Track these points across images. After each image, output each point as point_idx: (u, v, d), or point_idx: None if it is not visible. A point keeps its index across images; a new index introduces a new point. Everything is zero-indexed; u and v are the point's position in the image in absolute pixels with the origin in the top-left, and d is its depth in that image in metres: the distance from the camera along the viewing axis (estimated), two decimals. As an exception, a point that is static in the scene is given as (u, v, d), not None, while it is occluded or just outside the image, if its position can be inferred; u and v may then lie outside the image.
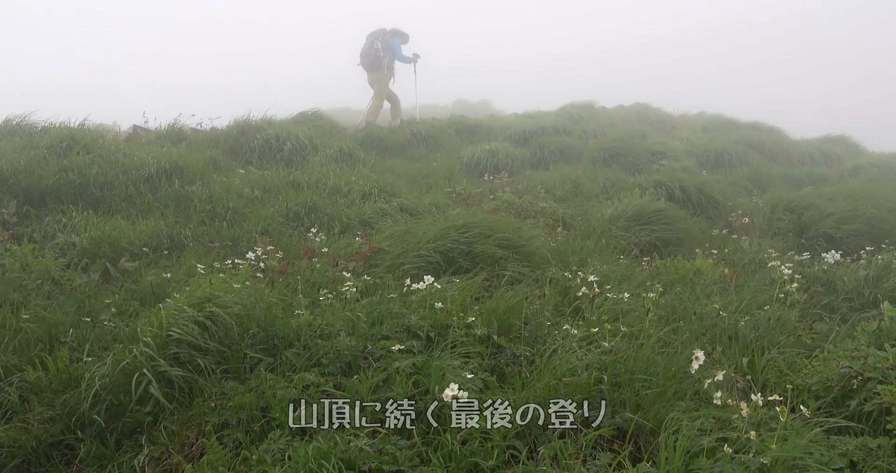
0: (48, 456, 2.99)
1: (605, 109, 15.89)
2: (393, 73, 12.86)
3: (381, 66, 12.58)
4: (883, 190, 7.86)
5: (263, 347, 3.39)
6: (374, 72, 12.71)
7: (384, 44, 12.56)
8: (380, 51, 12.54)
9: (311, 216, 6.39)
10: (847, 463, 2.24)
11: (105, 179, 6.57)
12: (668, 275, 4.98)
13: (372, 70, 12.72)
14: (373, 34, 12.71)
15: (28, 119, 8.11)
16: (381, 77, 12.70)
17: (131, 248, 5.30)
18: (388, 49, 12.59)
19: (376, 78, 12.74)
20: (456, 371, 2.93)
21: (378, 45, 12.53)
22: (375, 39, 12.59)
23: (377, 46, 12.54)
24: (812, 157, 12.34)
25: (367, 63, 12.69)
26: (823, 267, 5.18)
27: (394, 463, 2.46)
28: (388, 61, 12.64)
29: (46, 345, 3.67)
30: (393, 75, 12.88)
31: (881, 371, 2.77)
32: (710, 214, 7.51)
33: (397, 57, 12.72)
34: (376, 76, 12.72)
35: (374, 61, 12.59)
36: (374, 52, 12.55)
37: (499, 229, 4.99)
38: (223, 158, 8.36)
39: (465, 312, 3.61)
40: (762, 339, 3.70)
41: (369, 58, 12.62)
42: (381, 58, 12.56)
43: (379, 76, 12.69)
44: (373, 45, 12.58)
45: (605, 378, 2.89)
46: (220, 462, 2.58)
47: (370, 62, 12.64)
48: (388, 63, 12.63)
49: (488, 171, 9.35)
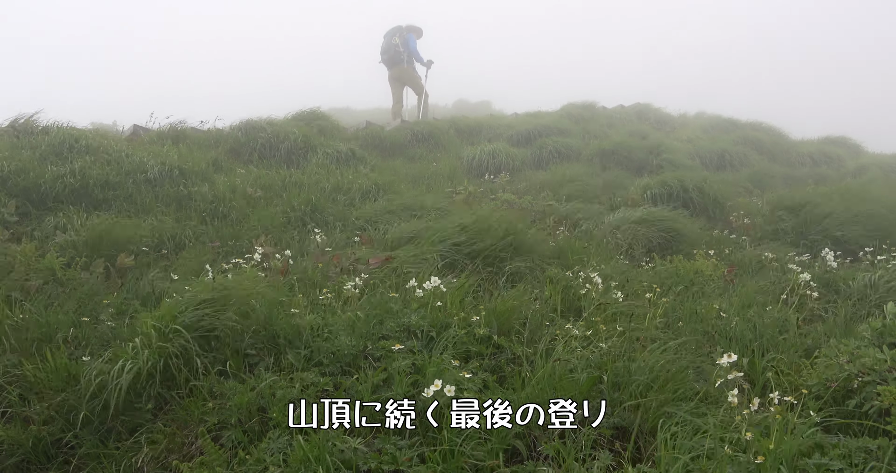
0: (47, 455, 3.00)
1: (606, 109, 15.87)
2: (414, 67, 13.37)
3: (402, 61, 13.08)
4: (884, 191, 7.86)
5: (263, 346, 3.39)
6: (394, 67, 13.24)
7: (402, 39, 13.05)
8: (398, 46, 13.03)
9: (313, 216, 6.39)
10: (847, 464, 2.24)
11: (106, 179, 6.57)
12: (669, 275, 4.98)
13: (392, 66, 13.23)
14: (390, 31, 13.19)
15: (29, 119, 8.11)
16: (404, 72, 13.26)
17: (131, 247, 5.30)
18: (406, 45, 13.08)
19: (398, 73, 13.29)
20: (455, 371, 2.93)
21: (396, 41, 13.04)
22: (393, 36, 13.09)
23: (395, 42, 13.04)
24: (813, 157, 12.33)
25: (388, 59, 13.19)
26: (825, 268, 5.17)
27: (393, 463, 2.46)
28: (407, 57, 13.14)
29: (46, 344, 3.67)
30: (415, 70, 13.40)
31: (880, 372, 2.77)
32: (711, 214, 7.51)
33: (412, 53, 13.20)
34: (398, 72, 13.27)
35: (394, 57, 13.10)
36: (394, 47, 13.05)
37: (499, 229, 4.99)
38: (225, 159, 8.37)
39: (465, 312, 3.61)
40: (762, 339, 3.70)
41: (389, 54, 13.12)
42: (401, 53, 13.05)
43: (400, 71, 13.25)
44: (391, 42, 13.10)
45: (606, 378, 2.89)
46: (219, 462, 2.58)
47: (390, 58, 13.15)
48: (406, 58, 13.13)
49: (489, 171, 9.35)
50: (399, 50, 13.03)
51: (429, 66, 13.54)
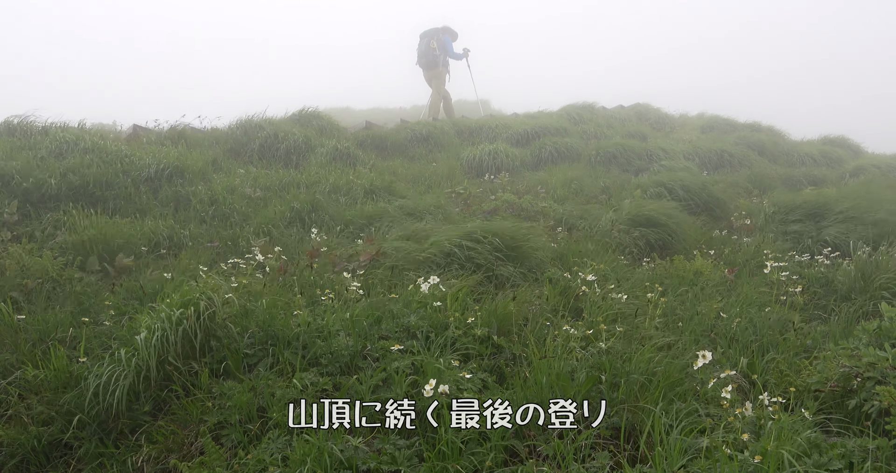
0: (47, 456, 2.99)
1: (606, 109, 15.86)
2: (448, 70, 13.71)
3: (439, 64, 13.43)
4: (884, 191, 7.85)
5: (262, 346, 3.39)
6: (431, 70, 13.58)
7: (438, 42, 13.36)
8: (436, 49, 13.33)
9: (312, 216, 6.39)
10: (845, 464, 2.24)
11: (105, 179, 6.56)
12: (669, 276, 4.98)
13: (430, 68, 13.58)
14: (426, 33, 13.48)
15: (29, 119, 8.10)
16: (437, 74, 13.56)
17: (131, 247, 5.29)
18: (442, 47, 13.40)
19: (433, 75, 13.61)
20: (454, 371, 2.93)
21: (434, 45, 13.33)
22: (430, 39, 13.38)
23: (433, 46, 13.33)
24: (813, 158, 12.32)
25: (426, 62, 13.54)
26: (821, 269, 5.18)
27: (393, 463, 2.46)
28: (444, 59, 13.48)
29: (46, 344, 3.67)
30: (448, 72, 13.73)
31: (880, 372, 2.77)
32: (712, 215, 7.51)
33: (450, 54, 13.55)
34: (433, 74, 13.60)
35: (431, 60, 13.44)
36: (431, 51, 13.36)
37: (499, 230, 4.98)
38: (224, 158, 8.37)
39: (465, 312, 3.61)
40: (762, 340, 3.70)
41: (427, 57, 13.45)
42: (438, 56, 13.37)
43: (436, 74, 13.57)
44: (429, 45, 13.38)
45: (605, 378, 2.90)
46: (218, 462, 2.58)
47: (428, 61, 13.49)
48: (443, 61, 13.47)
49: (489, 171, 9.35)
50: (436, 53, 13.37)
51: (466, 54, 13.81)
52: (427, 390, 2.62)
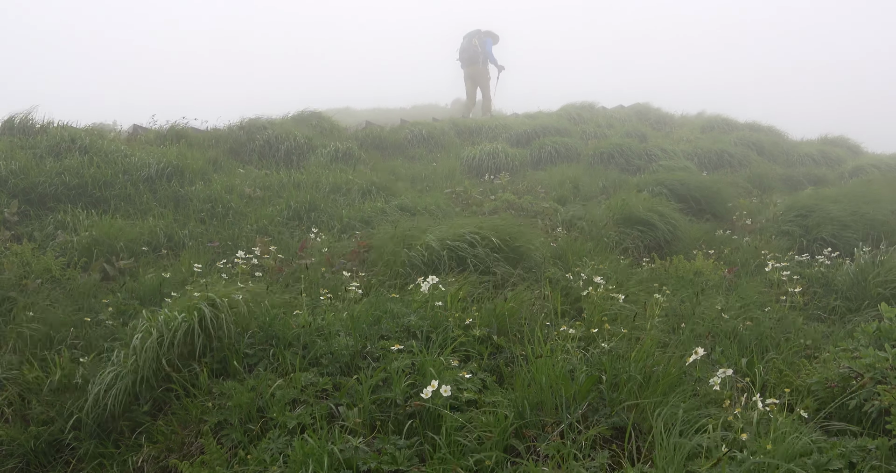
0: (47, 456, 3.00)
1: (605, 109, 15.86)
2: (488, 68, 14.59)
3: (478, 61, 14.40)
4: (883, 191, 7.85)
5: (263, 347, 3.39)
6: (471, 66, 14.54)
7: (480, 42, 14.38)
8: (477, 47, 14.36)
9: (311, 216, 6.39)
10: (845, 464, 2.24)
11: (105, 179, 6.57)
12: (669, 276, 4.98)
13: (470, 64, 14.53)
14: (470, 34, 14.54)
15: (28, 119, 8.10)
16: (478, 72, 14.54)
17: (130, 247, 5.29)
18: (483, 47, 14.38)
19: (473, 72, 14.59)
20: (454, 371, 2.93)
21: (475, 42, 14.38)
22: (473, 38, 14.44)
23: (475, 43, 14.38)
24: (812, 157, 12.32)
25: (466, 59, 14.50)
26: (821, 269, 5.18)
27: (393, 463, 2.46)
28: (483, 58, 14.44)
29: (46, 344, 3.67)
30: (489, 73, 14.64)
31: (880, 372, 2.77)
32: (711, 215, 7.51)
33: (488, 55, 14.45)
34: (473, 71, 14.57)
35: (472, 57, 14.42)
36: (473, 48, 14.39)
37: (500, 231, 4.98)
38: (224, 158, 8.36)
39: (464, 312, 3.61)
40: (762, 340, 3.70)
41: (468, 53, 14.45)
42: (478, 54, 14.37)
43: (475, 71, 14.54)
44: (471, 43, 14.44)
45: (605, 378, 2.89)
46: (218, 462, 2.58)
47: (469, 58, 14.46)
48: (482, 59, 14.44)
49: (489, 171, 9.35)
50: (477, 51, 14.29)
51: (500, 69, 14.62)
52: (427, 390, 2.62)
